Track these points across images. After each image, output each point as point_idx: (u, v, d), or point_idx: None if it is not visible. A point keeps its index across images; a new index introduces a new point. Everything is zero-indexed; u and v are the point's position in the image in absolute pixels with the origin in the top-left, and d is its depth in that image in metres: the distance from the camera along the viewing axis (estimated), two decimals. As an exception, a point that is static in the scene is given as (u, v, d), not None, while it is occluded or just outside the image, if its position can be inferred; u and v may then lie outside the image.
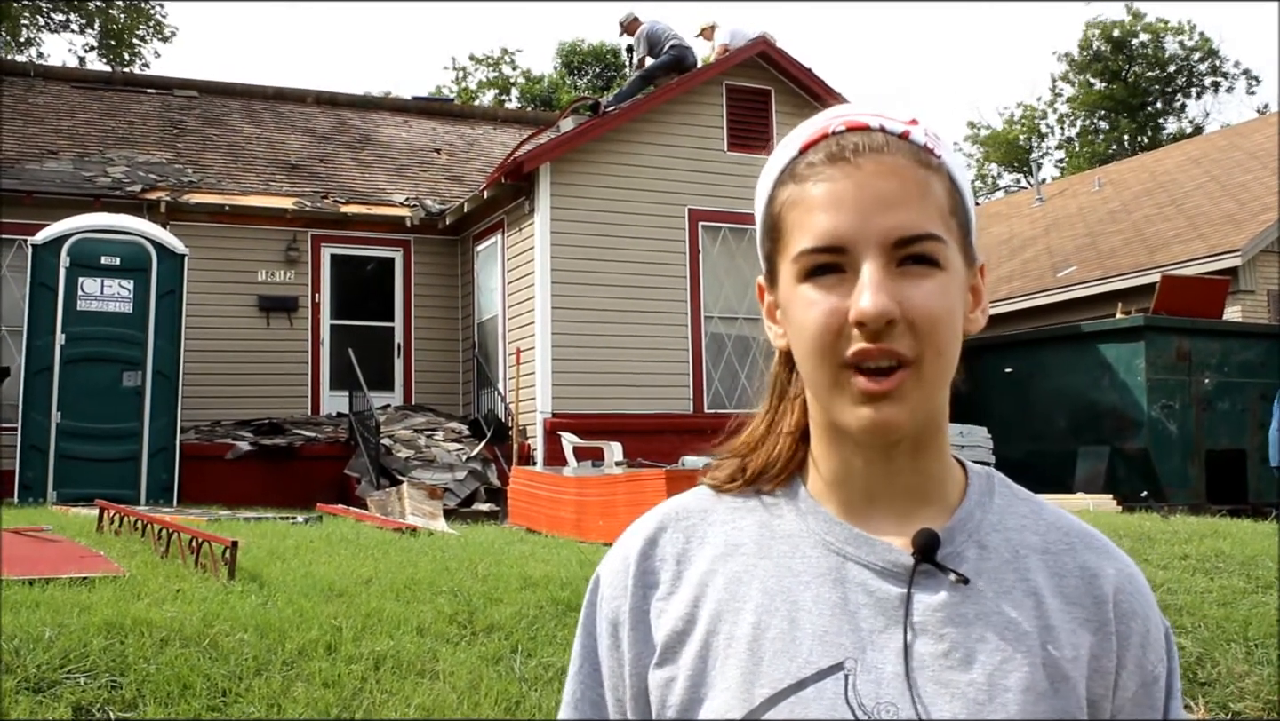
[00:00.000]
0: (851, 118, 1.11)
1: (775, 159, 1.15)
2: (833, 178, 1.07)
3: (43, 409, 11.33)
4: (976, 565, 1.09)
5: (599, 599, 1.19)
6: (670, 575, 1.15)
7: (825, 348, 1.05)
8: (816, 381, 1.08)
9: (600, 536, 7.99)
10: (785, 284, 1.11)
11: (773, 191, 1.14)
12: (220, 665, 3.96)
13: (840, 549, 1.10)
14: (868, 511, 1.12)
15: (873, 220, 1.04)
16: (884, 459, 1.11)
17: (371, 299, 15.66)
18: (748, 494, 1.19)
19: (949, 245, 1.07)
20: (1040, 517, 1.15)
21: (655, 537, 1.17)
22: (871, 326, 1.02)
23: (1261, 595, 5.93)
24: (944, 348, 1.05)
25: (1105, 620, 1.09)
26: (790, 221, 1.10)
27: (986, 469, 1.19)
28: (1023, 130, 47.64)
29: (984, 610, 1.06)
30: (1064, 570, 1.11)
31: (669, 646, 1.11)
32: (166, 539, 6.05)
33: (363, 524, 8.67)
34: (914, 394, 1.04)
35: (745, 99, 14.22)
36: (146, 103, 18.40)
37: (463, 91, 42.85)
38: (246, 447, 12.73)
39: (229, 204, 14.73)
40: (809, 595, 1.08)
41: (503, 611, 4.93)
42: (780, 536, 1.13)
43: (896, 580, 1.08)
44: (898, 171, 1.06)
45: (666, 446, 11.70)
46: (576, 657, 1.20)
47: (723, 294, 13.78)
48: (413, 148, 18.87)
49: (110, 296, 11.66)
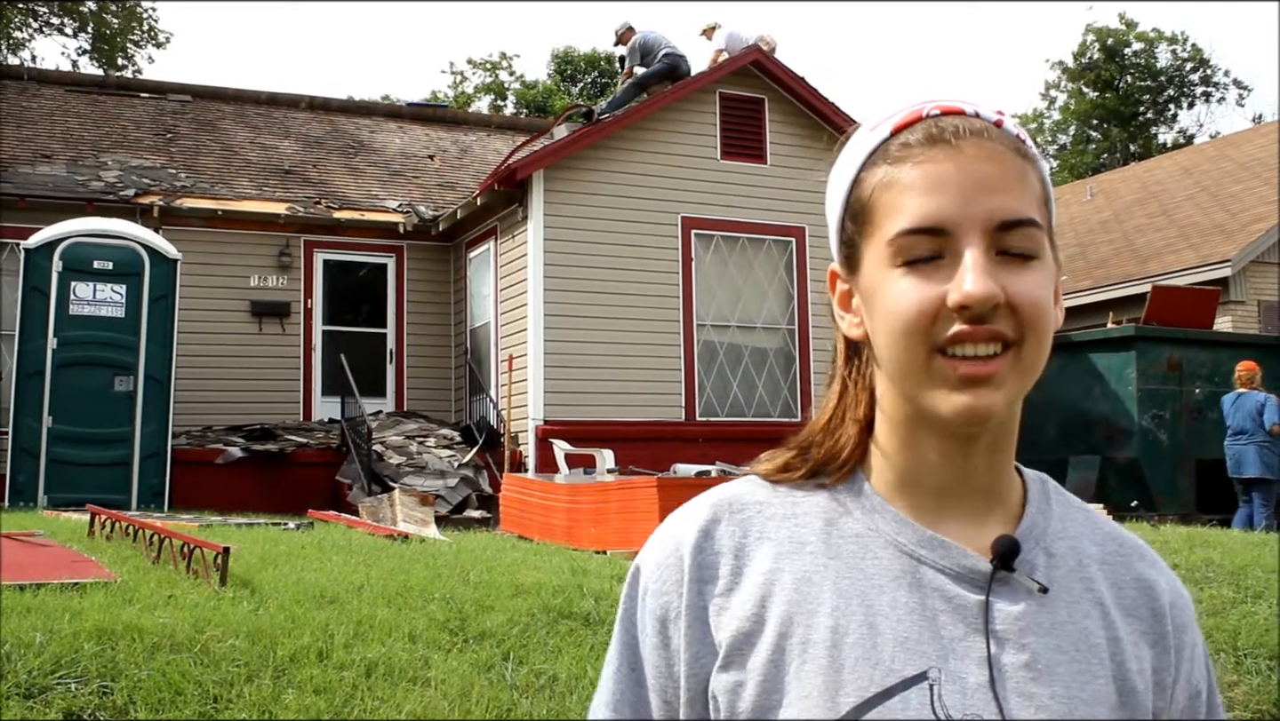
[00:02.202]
0: (945, 103, 1.07)
1: (860, 141, 1.10)
2: (933, 159, 1.03)
3: (34, 413, 11.31)
4: (1047, 573, 1.07)
5: (642, 592, 1.12)
6: (729, 569, 1.08)
7: (920, 331, 1.01)
8: (906, 367, 1.03)
9: (592, 544, 8.00)
10: (872, 268, 1.06)
11: (859, 174, 1.08)
12: (211, 671, 3.96)
13: (913, 551, 1.06)
14: (937, 511, 1.09)
15: (975, 203, 1.01)
16: (962, 454, 1.07)
17: (364, 305, 15.66)
18: (806, 486, 1.13)
19: (1044, 234, 1.05)
20: (1096, 526, 1.14)
21: (710, 529, 1.10)
22: (977, 310, 0.98)
23: (1251, 605, 5.96)
24: (1044, 335, 1.02)
25: (1164, 634, 1.08)
26: (883, 203, 1.05)
27: (1039, 473, 1.17)
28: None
29: (1059, 620, 1.05)
30: (1122, 581, 1.10)
31: (735, 648, 1.05)
32: (158, 544, 6.05)
33: (354, 530, 8.67)
34: (1011, 379, 1.01)
35: (738, 107, 14.24)
36: (140, 107, 18.39)
37: (460, 95, 42.87)
38: (238, 453, 12.71)
39: (222, 209, 14.72)
40: (885, 599, 1.04)
41: (494, 619, 4.93)
42: (849, 535, 1.08)
43: (973, 586, 1.05)
44: (998, 156, 1.03)
45: (658, 454, 11.71)
46: (615, 656, 1.14)
47: (715, 302, 13.80)
48: (406, 154, 18.87)
49: (103, 301, 11.65)
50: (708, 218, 13.75)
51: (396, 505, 9.60)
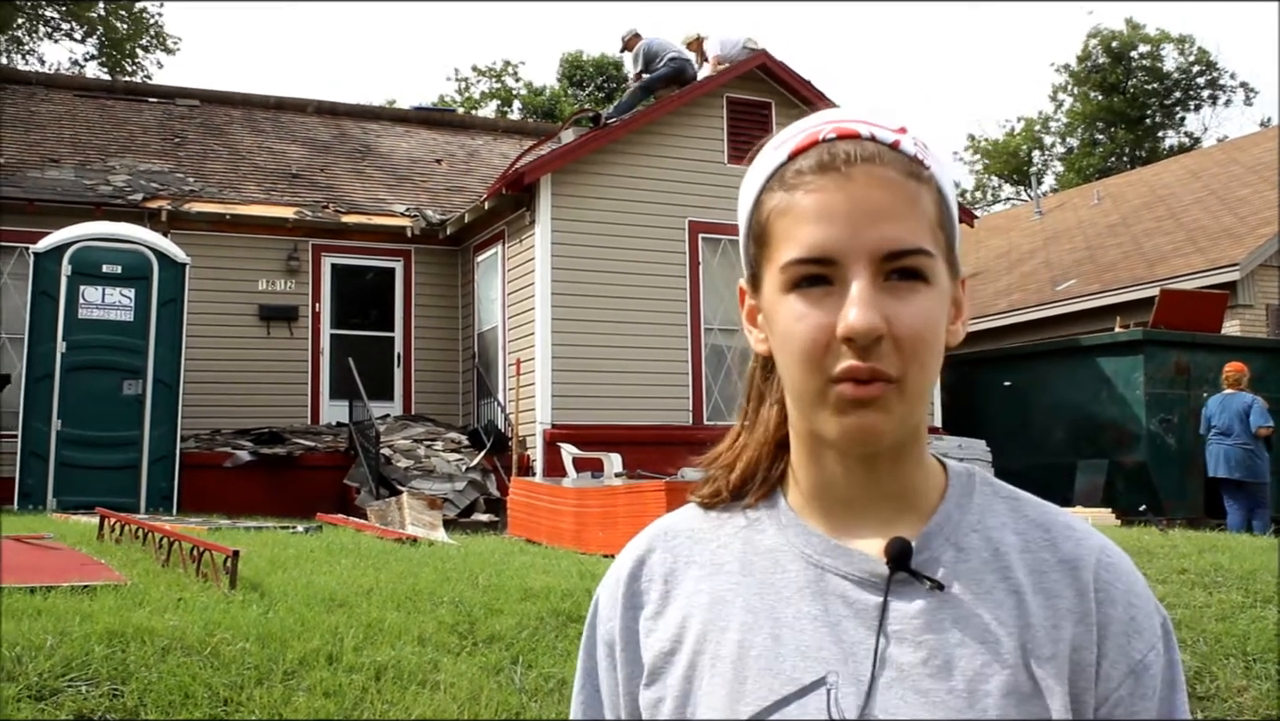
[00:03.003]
0: (842, 124, 1.08)
1: (762, 161, 1.13)
2: (823, 187, 1.05)
3: (43, 416, 11.34)
4: (954, 568, 1.08)
5: (597, 619, 1.20)
6: (658, 594, 1.16)
7: (813, 362, 1.04)
8: (801, 394, 1.07)
9: (599, 548, 8.00)
10: (770, 291, 1.09)
11: (759, 196, 1.11)
12: (221, 674, 3.97)
13: (819, 561, 1.10)
14: (848, 520, 1.12)
15: (863, 233, 1.03)
16: (864, 468, 1.10)
17: (371, 309, 15.68)
18: (733, 509, 1.19)
19: (937, 259, 1.06)
20: (1021, 514, 1.13)
21: (644, 558, 1.19)
22: (860, 342, 1.01)
23: (1260, 609, 5.95)
24: (927, 364, 1.05)
25: (1087, 611, 1.06)
26: (778, 230, 1.08)
27: (968, 467, 1.18)
28: (1023, 141, 47.72)
29: (961, 614, 1.05)
30: (1044, 565, 1.08)
31: (657, 666, 1.12)
32: (168, 547, 6.06)
33: (363, 534, 8.68)
34: (897, 406, 1.04)
35: (745, 111, 14.25)
36: (148, 111, 18.45)
37: (466, 101, 42.94)
38: (246, 456, 12.74)
39: (230, 213, 14.75)
40: (790, 611, 1.08)
41: (503, 622, 4.94)
42: (762, 552, 1.13)
43: (875, 589, 1.07)
44: (888, 183, 1.04)
45: (666, 458, 11.70)
46: (579, 677, 1.22)
47: (722, 306, 13.79)
48: (413, 158, 18.90)
49: (111, 305, 11.68)
50: (715, 221, 13.74)
51: (405, 508, 9.61)
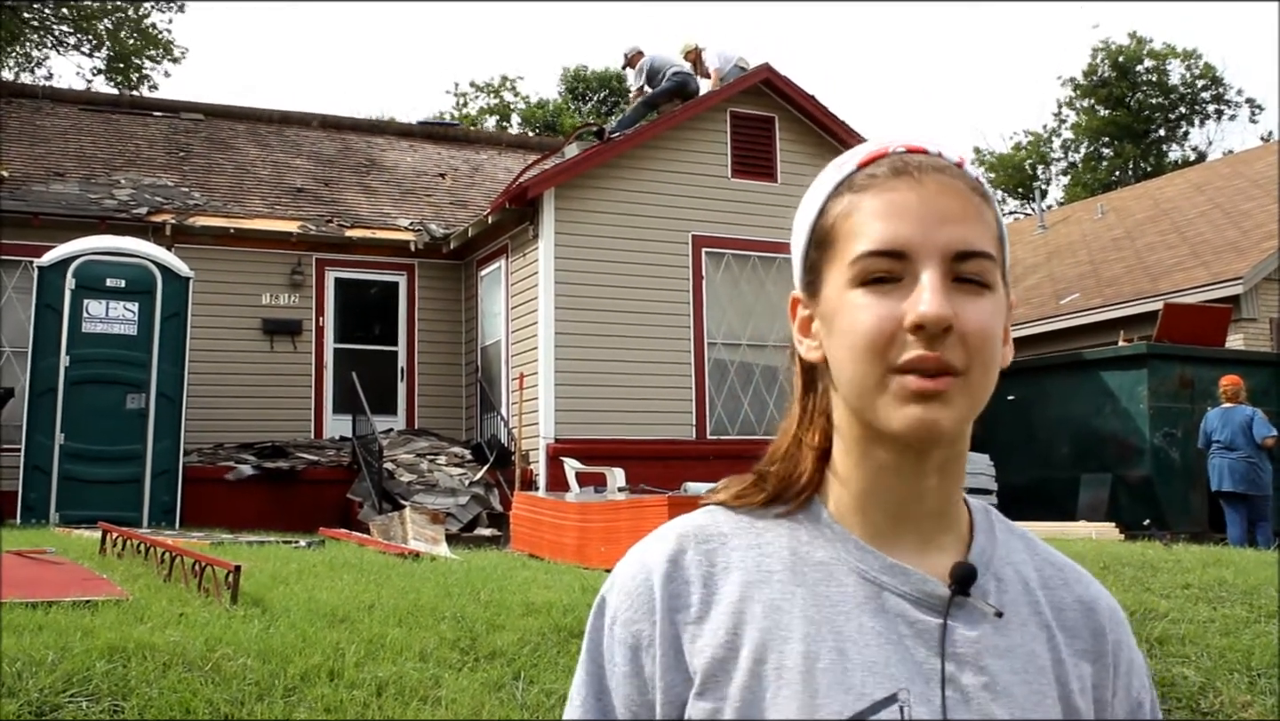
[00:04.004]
0: (911, 142, 1.12)
1: (826, 177, 1.15)
2: (896, 188, 1.08)
3: (46, 430, 11.35)
4: (998, 598, 1.11)
5: (609, 622, 1.14)
6: (699, 598, 1.10)
7: (877, 350, 1.04)
8: (861, 383, 1.07)
9: (602, 562, 7.99)
10: (833, 291, 1.10)
11: (825, 204, 1.13)
12: (223, 690, 3.96)
13: (875, 578, 1.10)
14: (893, 534, 1.12)
15: (934, 231, 1.05)
16: (914, 472, 1.10)
17: (375, 323, 15.69)
18: (765, 514, 1.16)
19: (997, 269, 1.08)
20: (1034, 551, 1.18)
21: (677, 558, 1.12)
22: (931, 330, 1.02)
23: (1264, 624, 5.92)
24: (990, 365, 1.06)
25: (1103, 651, 1.13)
26: (845, 229, 1.10)
27: (982, 502, 1.20)
28: (1028, 155, 47.76)
29: (1012, 643, 1.09)
30: (1063, 603, 1.14)
31: (710, 675, 1.07)
32: (169, 562, 6.05)
33: (365, 548, 8.67)
34: (959, 401, 1.04)
35: (749, 125, 14.28)
36: (153, 125, 18.50)
37: (464, 118, 43.03)
38: (249, 471, 12.73)
39: (234, 227, 14.78)
40: (852, 625, 1.07)
41: (505, 638, 4.92)
42: (813, 563, 1.11)
43: (932, 611, 1.08)
44: (958, 192, 1.08)
45: (669, 472, 11.70)
46: (580, 687, 1.14)
47: (725, 320, 13.80)
48: (417, 172, 18.94)
49: (115, 319, 11.70)
50: (719, 236, 13.77)
51: (407, 523, 9.60)
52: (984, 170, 48.33)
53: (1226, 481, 11.69)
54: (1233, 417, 11.77)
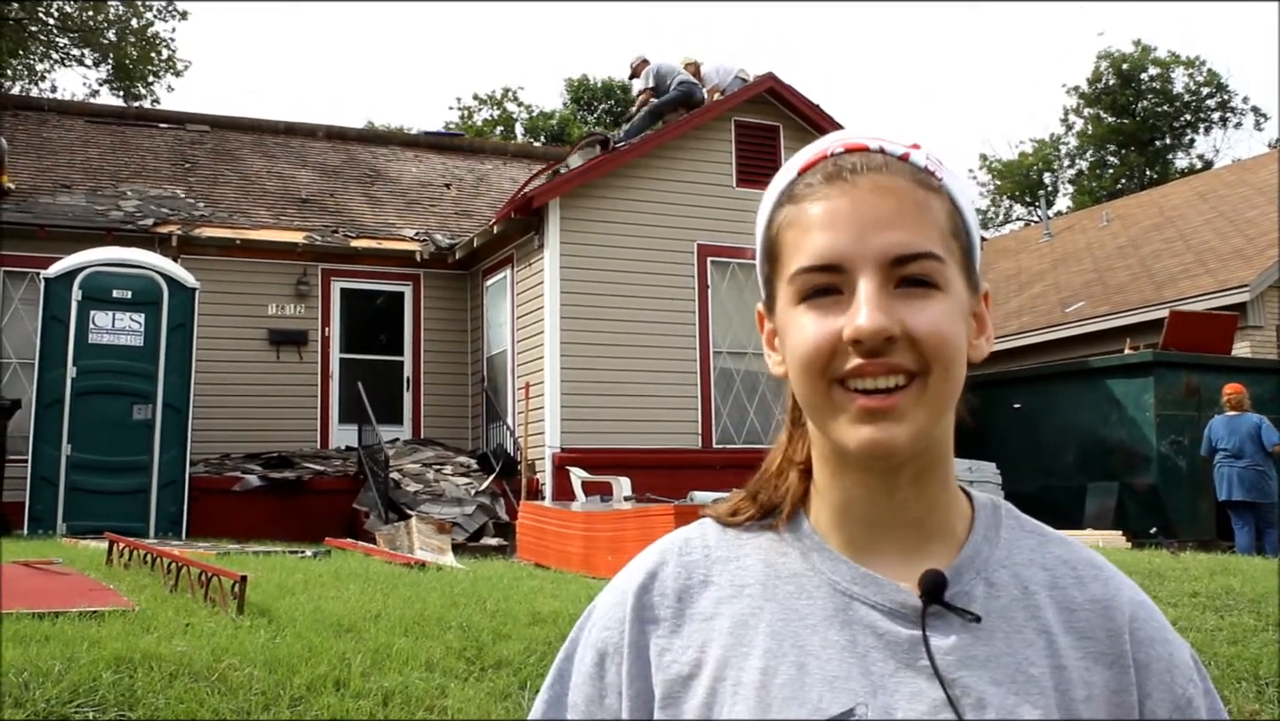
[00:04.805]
0: (851, 140, 1.09)
1: (774, 183, 1.13)
2: (828, 196, 1.05)
3: (53, 441, 11.36)
4: (985, 604, 1.06)
5: (589, 625, 1.15)
6: (671, 612, 1.11)
7: (818, 365, 1.03)
8: (810, 402, 1.06)
9: (608, 572, 7.97)
10: (782, 307, 1.09)
11: (770, 214, 1.11)
12: (229, 700, 3.96)
13: (847, 589, 1.07)
14: (871, 545, 1.09)
15: (869, 238, 1.02)
16: (886, 488, 1.07)
17: (381, 333, 15.72)
18: (754, 529, 1.15)
19: (949, 266, 1.04)
20: (1047, 551, 1.12)
21: (656, 571, 1.13)
22: (867, 344, 0.99)
23: (1272, 633, 5.91)
24: (951, 365, 1.02)
25: (1121, 652, 1.05)
26: (787, 242, 1.07)
27: (994, 499, 1.16)
28: (1035, 162, 47.75)
29: (995, 651, 1.03)
30: (1074, 604, 1.08)
31: (672, 691, 1.07)
32: (176, 572, 6.06)
33: (371, 558, 8.67)
34: (916, 412, 1.01)
35: (754, 135, 14.30)
36: (159, 137, 18.55)
37: (468, 129, 43.10)
38: (255, 481, 12.75)
39: (240, 238, 14.81)
40: (817, 639, 1.05)
41: (511, 647, 4.92)
42: (785, 576, 1.10)
43: (906, 622, 1.05)
44: (895, 190, 1.04)
45: (675, 481, 11.69)
46: (549, 678, 1.17)
47: (731, 329, 13.80)
48: (422, 182, 18.97)
49: (121, 330, 11.72)
50: (724, 245, 13.78)
51: (413, 533, 9.59)
52: (989, 176, 48.41)
53: (1236, 491, 11.65)
54: (1239, 425, 11.73)
